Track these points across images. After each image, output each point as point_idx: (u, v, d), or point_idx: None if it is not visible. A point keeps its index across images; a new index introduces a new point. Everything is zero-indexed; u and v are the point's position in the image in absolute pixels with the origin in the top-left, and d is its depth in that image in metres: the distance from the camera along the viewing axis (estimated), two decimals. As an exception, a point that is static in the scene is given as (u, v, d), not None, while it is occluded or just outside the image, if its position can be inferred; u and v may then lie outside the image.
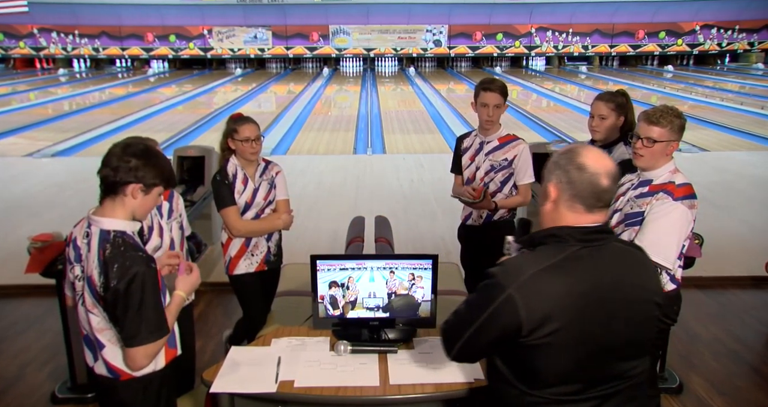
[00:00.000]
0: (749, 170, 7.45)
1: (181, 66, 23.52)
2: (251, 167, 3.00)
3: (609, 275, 1.43)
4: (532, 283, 1.37)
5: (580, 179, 1.42)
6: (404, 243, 4.55)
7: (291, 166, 8.06)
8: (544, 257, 1.42)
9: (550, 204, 1.49)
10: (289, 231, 5.56)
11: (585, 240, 1.43)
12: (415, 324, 2.27)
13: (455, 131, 10.75)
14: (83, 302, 1.77)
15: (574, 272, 1.40)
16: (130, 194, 1.73)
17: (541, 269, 1.39)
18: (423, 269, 2.21)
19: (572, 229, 1.44)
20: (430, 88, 17.75)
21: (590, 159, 1.43)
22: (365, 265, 2.20)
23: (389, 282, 2.21)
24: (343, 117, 13.64)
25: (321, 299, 2.22)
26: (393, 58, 23.58)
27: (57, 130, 11.04)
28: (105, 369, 1.80)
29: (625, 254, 1.51)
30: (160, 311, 1.73)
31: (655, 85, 18.10)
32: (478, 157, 3.16)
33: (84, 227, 1.78)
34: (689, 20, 22.56)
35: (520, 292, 1.36)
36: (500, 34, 22.87)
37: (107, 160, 1.73)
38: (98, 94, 17.27)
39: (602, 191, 1.43)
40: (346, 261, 2.21)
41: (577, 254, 1.41)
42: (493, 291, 1.41)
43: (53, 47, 22.31)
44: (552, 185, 1.47)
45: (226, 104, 14.98)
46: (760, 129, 10.23)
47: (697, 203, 2.23)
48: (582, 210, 1.44)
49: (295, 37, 22.60)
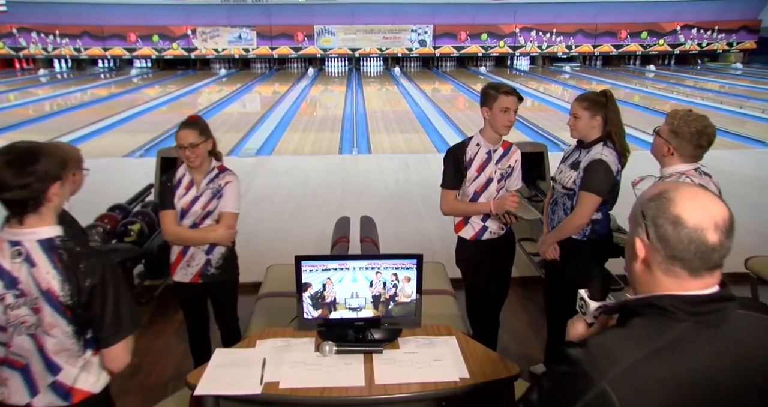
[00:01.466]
0: (729, 168, 7.54)
1: (164, 66, 23.33)
2: (199, 174, 2.84)
3: (734, 359, 1.08)
4: (632, 376, 1.04)
5: (676, 236, 1.08)
6: (390, 243, 4.55)
7: (276, 167, 8.06)
8: (643, 337, 1.08)
9: (640, 265, 1.15)
10: (273, 232, 5.56)
11: (697, 313, 1.09)
12: (401, 323, 2.27)
13: (440, 131, 10.79)
14: (31, 327, 1.62)
15: (686, 359, 1.06)
16: (52, 196, 1.63)
17: (643, 357, 1.05)
18: (407, 268, 2.21)
19: (676, 298, 1.10)
20: (415, 88, 17.77)
21: (689, 208, 1.09)
22: (347, 265, 2.19)
23: (374, 283, 2.21)
24: (329, 117, 13.61)
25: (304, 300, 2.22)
26: (378, 58, 23.58)
27: (37, 131, 10.89)
28: (54, 396, 1.69)
29: (755, 326, 1.14)
30: (132, 301, 1.72)
31: (638, 85, 18.27)
32: (488, 168, 2.92)
33: (7, 249, 1.61)
34: (670, 20, 22.82)
35: (616, 387, 1.03)
36: (485, 34, 22.97)
37: (6, 184, 1.55)
38: (80, 95, 17.08)
39: (710, 249, 1.08)
40: (329, 262, 2.20)
41: (689, 333, 1.07)
42: (578, 384, 1.06)
43: (33, 47, 22.01)
44: (639, 241, 1.13)
45: (211, 104, 14.88)
46: (739, 128, 10.38)
47: None
48: (685, 275, 1.11)
49: (280, 37, 22.51)
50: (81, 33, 21.94)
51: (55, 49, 22.18)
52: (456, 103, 15.79)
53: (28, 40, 21.84)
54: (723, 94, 15.93)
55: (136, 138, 10.08)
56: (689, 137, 2.27)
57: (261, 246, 5.05)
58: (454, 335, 2.28)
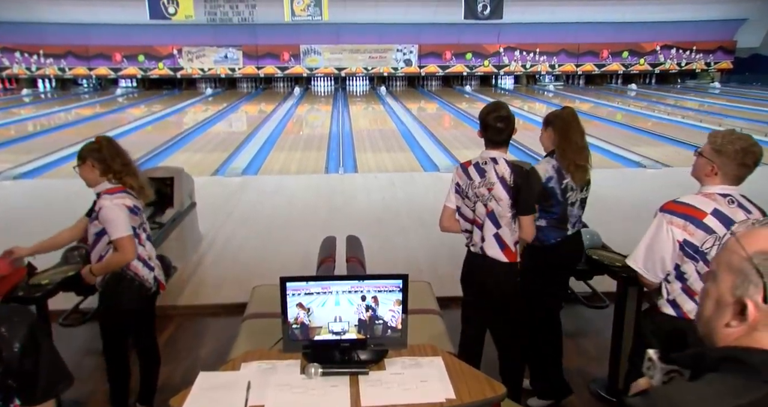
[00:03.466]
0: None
1: (150, 86, 23.30)
2: None
3: None
4: None
5: None
6: (376, 262, 4.54)
7: (262, 186, 8.04)
8: (718, 394, 0.91)
9: (742, 328, 0.97)
10: (259, 252, 5.52)
11: None
12: (387, 344, 2.25)
13: (426, 150, 10.85)
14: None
15: None
16: None
17: None
18: (390, 292, 2.20)
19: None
20: (401, 107, 17.89)
21: None
22: (330, 289, 2.18)
23: (358, 307, 2.19)
24: (315, 136, 13.65)
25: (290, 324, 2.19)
26: (364, 78, 23.74)
27: (20, 151, 10.80)
28: None
29: None
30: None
31: (620, 103, 18.56)
32: None
33: None
34: (650, 40, 23.29)
35: None
36: (469, 54, 23.25)
37: None
38: (64, 114, 16.98)
39: None
40: (312, 286, 2.18)
41: None
42: None
43: (17, 67, 21.89)
44: (752, 304, 0.96)
45: (197, 123, 14.86)
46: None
47: (679, 221, 2.17)
48: None
49: (266, 56, 22.61)
50: (65, 53, 21.88)
51: (39, 69, 22.07)
52: (441, 121, 15.91)
53: (11, 60, 21.72)
54: (702, 113, 16.22)
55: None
56: (734, 155, 2.16)
57: (247, 266, 5.02)
58: (440, 355, 2.27)
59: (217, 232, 5.94)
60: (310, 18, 16.46)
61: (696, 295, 2.16)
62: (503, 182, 2.72)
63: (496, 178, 2.74)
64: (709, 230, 2.13)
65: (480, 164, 2.80)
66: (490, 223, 2.76)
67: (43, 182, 8.46)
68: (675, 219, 2.17)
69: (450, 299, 4.30)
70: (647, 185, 7.66)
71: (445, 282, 4.60)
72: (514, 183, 2.71)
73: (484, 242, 2.80)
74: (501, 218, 2.75)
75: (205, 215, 5.93)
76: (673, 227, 2.17)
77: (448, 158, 9.95)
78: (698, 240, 2.14)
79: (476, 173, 2.79)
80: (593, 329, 4.03)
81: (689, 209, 2.17)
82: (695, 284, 2.17)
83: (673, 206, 2.21)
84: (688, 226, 2.15)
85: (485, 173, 2.77)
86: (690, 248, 2.16)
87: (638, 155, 9.81)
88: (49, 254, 3.42)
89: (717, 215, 2.13)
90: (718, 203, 2.16)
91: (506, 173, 2.73)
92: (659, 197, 2.38)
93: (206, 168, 9.34)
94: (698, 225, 2.14)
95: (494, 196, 2.74)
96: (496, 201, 2.74)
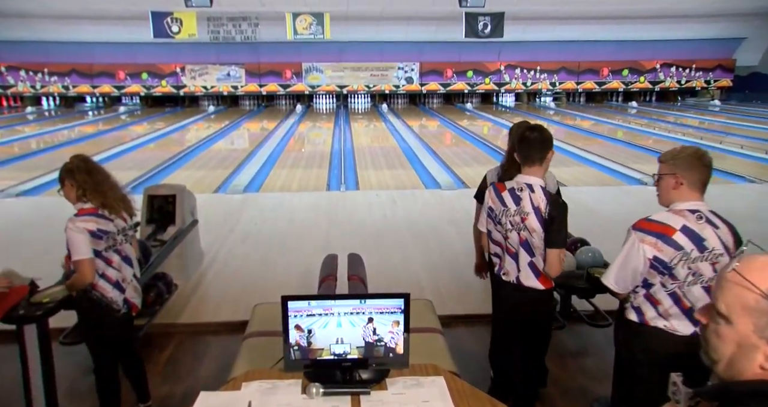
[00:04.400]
0: (711, 203, 7.65)
1: (153, 103, 23.48)
2: None
3: None
4: None
5: None
6: (378, 280, 4.53)
7: (264, 203, 8.05)
8: None
9: (763, 365, 0.94)
10: (260, 270, 5.52)
11: None
12: (388, 364, 2.24)
13: (428, 167, 10.88)
14: None
15: None
16: None
17: None
18: (392, 313, 2.19)
19: None
20: (402, 125, 17.98)
21: None
22: (332, 310, 2.17)
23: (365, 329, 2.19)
24: (317, 153, 13.70)
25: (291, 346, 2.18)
26: (366, 95, 23.91)
27: (23, 169, 10.85)
28: None
29: None
30: None
31: (621, 121, 18.64)
32: None
33: None
34: (650, 59, 23.48)
35: None
36: (470, 72, 23.43)
37: None
38: (67, 132, 17.07)
39: None
40: (314, 307, 2.17)
41: None
42: None
43: (21, 85, 22.09)
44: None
45: (199, 141, 14.94)
46: (719, 163, 10.54)
47: (651, 239, 2.24)
48: None
49: (268, 74, 22.81)
50: (69, 71, 22.09)
51: (44, 87, 22.27)
52: (443, 139, 15.98)
53: (16, 78, 21.94)
54: (703, 130, 16.27)
55: (122, 175, 9.98)
56: (690, 160, 2.26)
57: (248, 284, 5.01)
58: (442, 374, 2.25)
59: (219, 249, 5.94)
60: (312, 36, 16.62)
61: (658, 304, 2.28)
62: (537, 212, 2.64)
63: (531, 208, 2.66)
64: (678, 246, 2.21)
65: (516, 190, 2.71)
66: (525, 252, 2.71)
67: (46, 200, 8.48)
68: (646, 237, 2.25)
69: (451, 318, 4.29)
70: (648, 202, 7.63)
71: (446, 300, 4.60)
72: (549, 215, 2.64)
73: (519, 272, 2.74)
74: (535, 249, 2.70)
75: (207, 232, 5.94)
76: (644, 245, 2.24)
77: (450, 176, 9.98)
78: (667, 256, 2.22)
79: (511, 200, 2.71)
80: (595, 347, 4.00)
81: (659, 227, 2.25)
82: (658, 294, 2.28)
83: (644, 224, 2.29)
84: (658, 243, 2.22)
85: (520, 201, 2.68)
86: (659, 264, 2.24)
87: (639, 172, 9.82)
88: (51, 271, 3.43)
89: (685, 231, 2.22)
90: (687, 219, 2.24)
91: (542, 203, 2.65)
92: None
93: (208, 185, 9.37)
94: (667, 242, 2.22)
95: (527, 226, 2.67)
96: (529, 232, 2.67)
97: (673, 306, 2.27)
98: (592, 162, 11.26)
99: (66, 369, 3.53)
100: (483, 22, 16.70)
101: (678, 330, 2.28)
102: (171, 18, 16.19)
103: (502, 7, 16.02)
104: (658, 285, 2.28)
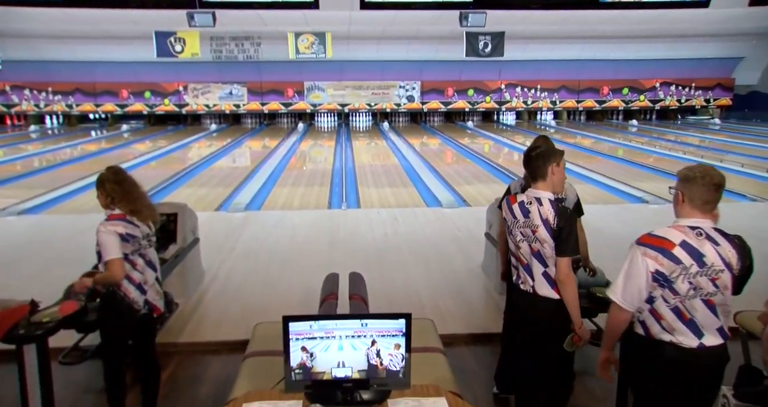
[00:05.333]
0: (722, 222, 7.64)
1: (155, 122, 23.62)
2: None
3: None
4: None
5: None
6: (379, 299, 4.51)
7: (265, 221, 8.05)
8: None
9: None
10: (261, 288, 5.50)
11: None
12: (390, 384, 2.22)
13: (429, 185, 10.90)
14: None
15: None
16: None
17: None
18: (393, 336, 2.18)
19: None
20: (403, 143, 18.05)
21: None
22: (333, 333, 2.16)
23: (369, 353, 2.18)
24: (318, 171, 13.74)
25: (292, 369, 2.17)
26: (367, 113, 24.05)
27: (25, 187, 10.88)
28: None
29: None
30: None
31: (621, 139, 18.71)
32: None
33: None
34: (650, 78, 23.64)
35: None
36: (471, 90, 23.58)
37: None
38: (70, 150, 17.16)
39: None
40: (315, 330, 2.16)
41: None
42: None
43: (25, 104, 22.27)
44: None
45: (201, 159, 15.00)
46: (722, 181, 10.58)
47: (653, 252, 2.28)
48: None
49: (270, 93, 22.97)
50: (73, 90, 22.27)
51: (47, 106, 22.44)
52: (444, 157, 16.03)
53: (20, 97, 22.12)
54: (703, 149, 16.31)
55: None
56: (697, 180, 2.31)
57: (249, 302, 4.99)
58: (444, 395, 2.23)
59: (220, 268, 5.93)
60: (314, 56, 16.78)
61: (661, 319, 2.31)
62: (546, 224, 2.72)
63: (540, 220, 2.74)
64: (677, 260, 2.26)
65: (525, 203, 2.82)
66: (538, 263, 2.78)
67: (47, 218, 8.50)
68: (648, 251, 2.30)
69: (453, 337, 4.27)
70: (650, 220, 7.63)
71: (447, 319, 4.57)
72: (557, 226, 2.71)
73: (534, 281, 2.80)
74: (548, 259, 2.76)
75: (208, 250, 5.93)
76: (647, 259, 2.29)
77: (451, 194, 9.99)
78: (667, 270, 2.27)
79: (520, 213, 2.82)
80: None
81: (661, 241, 2.30)
82: (660, 308, 2.31)
83: (647, 239, 2.34)
84: (659, 257, 2.28)
85: (529, 214, 2.78)
86: (660, 277, 2.28)
87: (640, 191, 9.84)
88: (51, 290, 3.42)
89: (684, 246, 2.27)
90: (687, 235, 2.29)
91: (550, 215, 2.73)
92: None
93: (210, 203, 9.38)
94: (667, 256, 2.27)
95: (538, 238, 2.74)
96: (540, 243, 2.75)
97: (676, 320, 2.30)
98: (593, 180, 11.28)
99: (65, 389, 3.50)
100: (483, 41, 16.87)
101: (684, 343, 2.30)
102: (174, 38, 16.37)
103: (503, 26, 16.19)
104: (660, 300, 2.31)
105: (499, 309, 4.84)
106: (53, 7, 13.65)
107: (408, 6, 4.78)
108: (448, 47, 19.18)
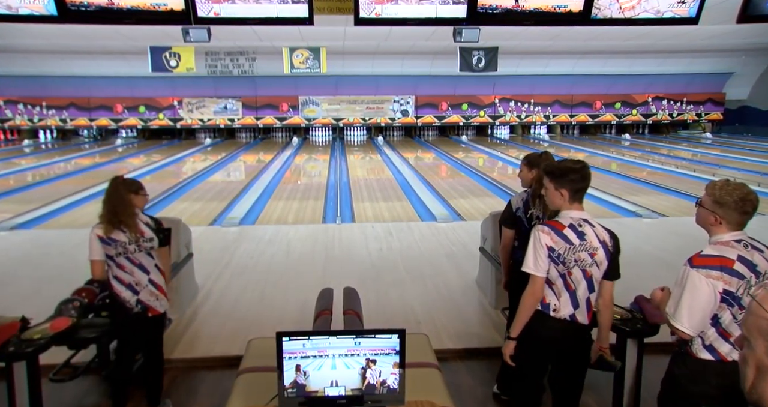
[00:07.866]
0: (705, 235, 7.67)
1: (150, 136, 23.62)
2: None
3: None
4: None
5: None
6: (373, 313, 4.50)
7: (259, 236, 8.03)
8: None
9: None
10: (256, 302, 5.48)
11: None
12: (384, 400, 2.21)
13: (423, 199, 10.92)
14: None
15: None
16: None
17: None
18: (387, 354, 2.17)
19: None
20: (398, 157, 18.10)
21: None
22: (327, 352, 2.15)
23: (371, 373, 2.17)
24: (313, 186, 13.74)
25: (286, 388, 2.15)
26: (362, 128, 24.13)
27: (19, 201, 10.83)
28: None
29: None
30: None
31: (615, 153, 18.83)
32: None
33: None
34: (642, 92, 23.87)
35: None
36: (465, 105, 23.73)
37: None
38: (64, 164, 17.11)
39: None
40: (308, 349, 2.15)
41: None
42: None
43: (19, 118, 22.25)
44: None
45: (195, 173, 14.98)
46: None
47: (716, 273, 2.23)
48: None
49: (265, 107, 23.04)
50: (68, 104, 22.28)
51: (41, 120, 22.42)
52: (438, 171, 16.07)
53: (14, 111, 22.10)
54: (695, 163, 16.43)
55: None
56: (734, 206, 2.29)
57: (243, 318, 4.96)
58: (439, 412, 2.22)
59: (214, 283, 5.90)
60: (309, 70, 16.85)
61: (730, 337, 2.25)
62: (605, 246, 2.63)
63: (598, 242, 2.63)
64: (740, 275, 2.22)
65: (576, 226, 2.66)
66: (587, 288, 2.66)
67: (41, 233, 8.45)
68: (712, 272, 2.23)
69: (448, 352, 4.25)
70: (644, 234, 7.67)
71: (442, 334, 4.56)
72: (614, 248, 2.66)
73: (577, 308, 2.67)
74: (596, 283, 2.68)
75: (202, 265, 5.91)
76: (713, 280, 2.23)
77: (445, 208, 10.00)
78: (734, 287, 2.22)
79: (575, 236, 2.63)
80: (594, 383, 3.95)
81: (720, 260, 2.25)
82: (730, 327, 2.26)
83: (703, 260, 2.27)
84: (724, 275, 2.22)
85: (584, 236, 2.63)
86: (729, 296, 2.23)
87: (634, 205, 9.88)
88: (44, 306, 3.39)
89: (742, 260, 2.24)
90: (738, 249, 2.27)
91: (606, 237, 2.65)
92: (656, 246, 2.41)
93: (204, 218, 9.35)
94: (731, 273, 2.22)
95: (596, 261, 2.62)
96: (597, 266, 2.63)
97: None
98: (587, 194, 11.29)
99: (55, 406, 3.46)
100: (477, 56, 16.99)
101: None
102: (169, 52, 16.41)
103: (496, 42, 16.32)
104: (729, 319, 2.25)
105: (494, 323, 4.82)
106: (48, 23, 13.67)
107: (402, 22, 4.82)
108: (443, 62, 19.32)
